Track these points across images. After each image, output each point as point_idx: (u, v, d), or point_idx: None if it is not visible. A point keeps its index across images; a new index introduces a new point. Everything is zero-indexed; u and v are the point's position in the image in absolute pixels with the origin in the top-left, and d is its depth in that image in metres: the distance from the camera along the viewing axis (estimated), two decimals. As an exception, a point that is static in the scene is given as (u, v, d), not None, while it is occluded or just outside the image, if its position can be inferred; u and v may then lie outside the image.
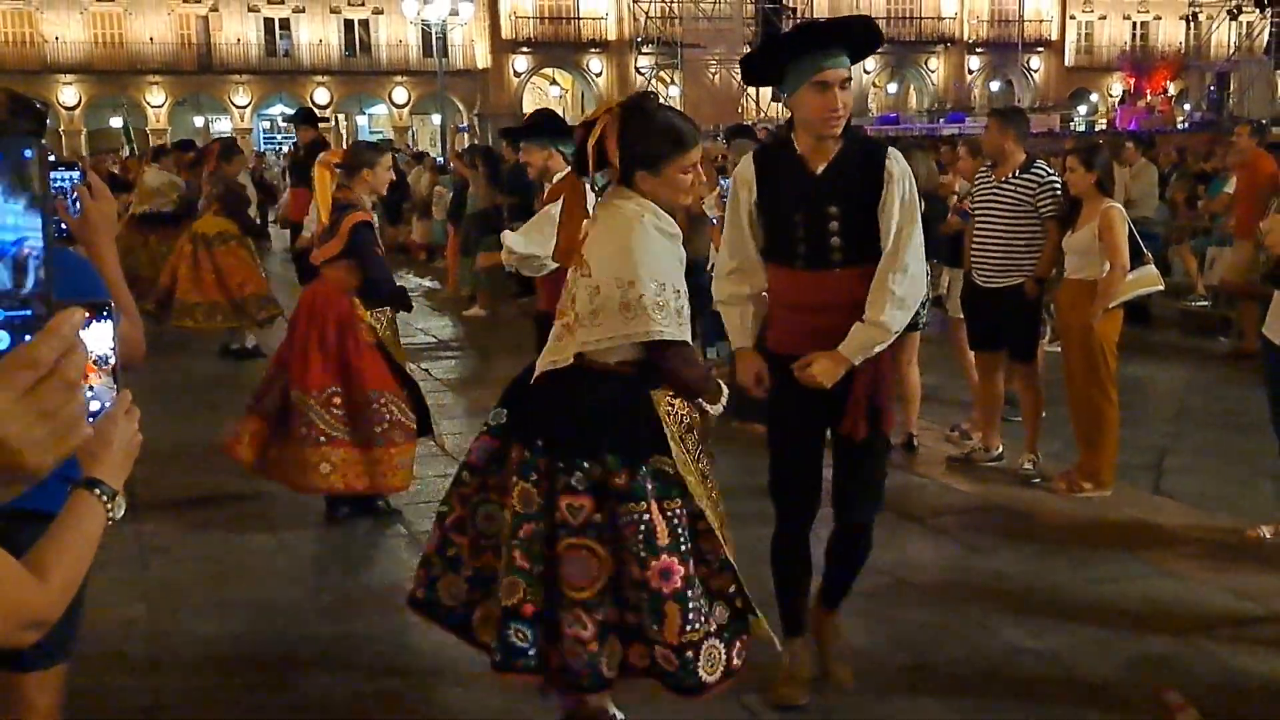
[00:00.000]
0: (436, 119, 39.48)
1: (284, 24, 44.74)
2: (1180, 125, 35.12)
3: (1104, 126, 40.20)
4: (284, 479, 5.61)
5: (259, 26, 44.38)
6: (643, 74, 43.34)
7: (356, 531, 5.66)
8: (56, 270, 1.08)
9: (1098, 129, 38.78)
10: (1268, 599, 4.64)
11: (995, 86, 50.33)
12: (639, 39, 44.38)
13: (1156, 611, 4.50)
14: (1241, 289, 9.15)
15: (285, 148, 32.00)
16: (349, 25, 45.41)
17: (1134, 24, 53.29)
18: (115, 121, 39.57)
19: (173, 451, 6.74)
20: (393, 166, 5.92)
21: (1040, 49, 51.00)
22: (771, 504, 3.74)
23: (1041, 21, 51.06)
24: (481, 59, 46.21)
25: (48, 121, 2.85)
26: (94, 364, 1.18)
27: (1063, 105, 48.30)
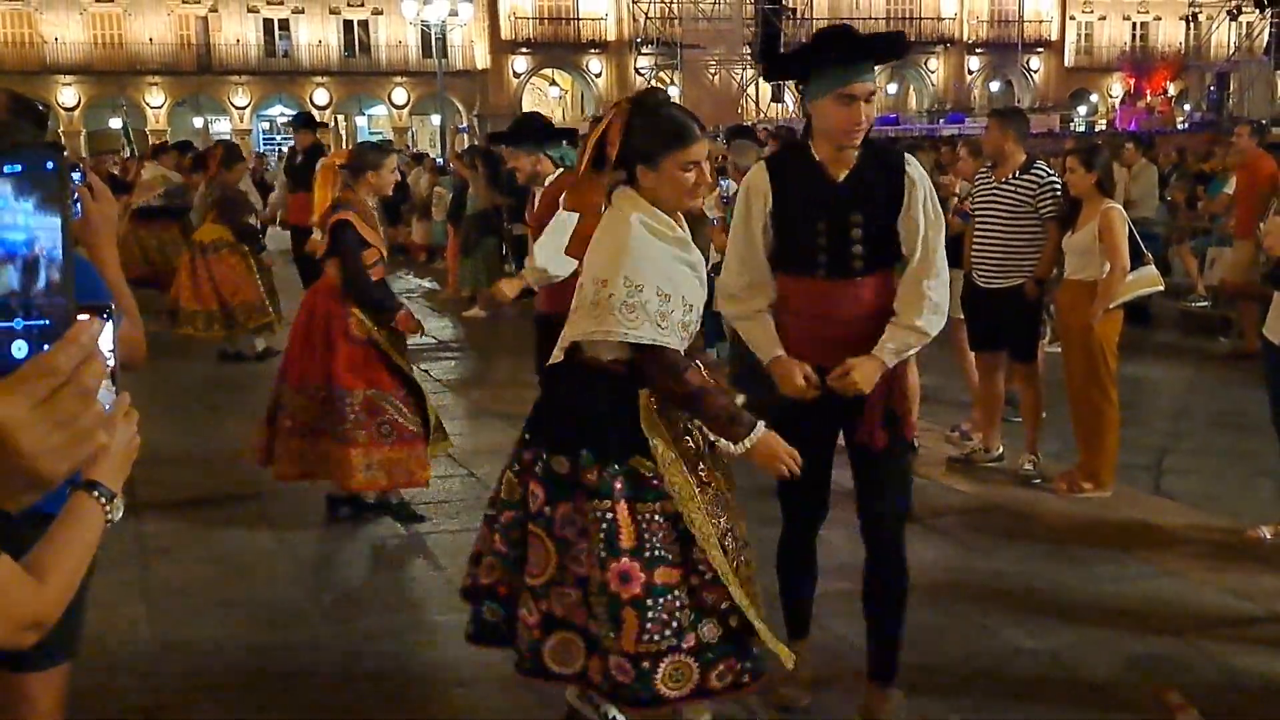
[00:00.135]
0: (436, 120, 39.52)
1: (283, 25, 44.76)
2: (1180, 126, 35.11)
3: (1104, 127, 40.19)
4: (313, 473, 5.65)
5: (258, 27, 44.40)
6: (642, 74, 43.31)
7: (357, 532, 5.67)
8: None
9: (1098, 129, 38.78)
10: (1268, 599, 4.65)
11: (995, 87, 50.34)
12: (638, 40, 44.35)
13: (1156, 611, 4.50)
14: (1241, 289, 9.15)
15: (285, 148, 31.98)
16: (348, 26, 45.43)
17: (1134, 24, 53.32)
18: (115, 122, 39.58)
19: (174, 452, 6.75)
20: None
21: (1040, 49, 51.00)
22: (778, 506, 3.73)
23: (1041, 22, 51.07)
24: (481, 60, 46.22)
25: (49, 123, 2.85)
26: None
27: (1062, 106, 48.32)
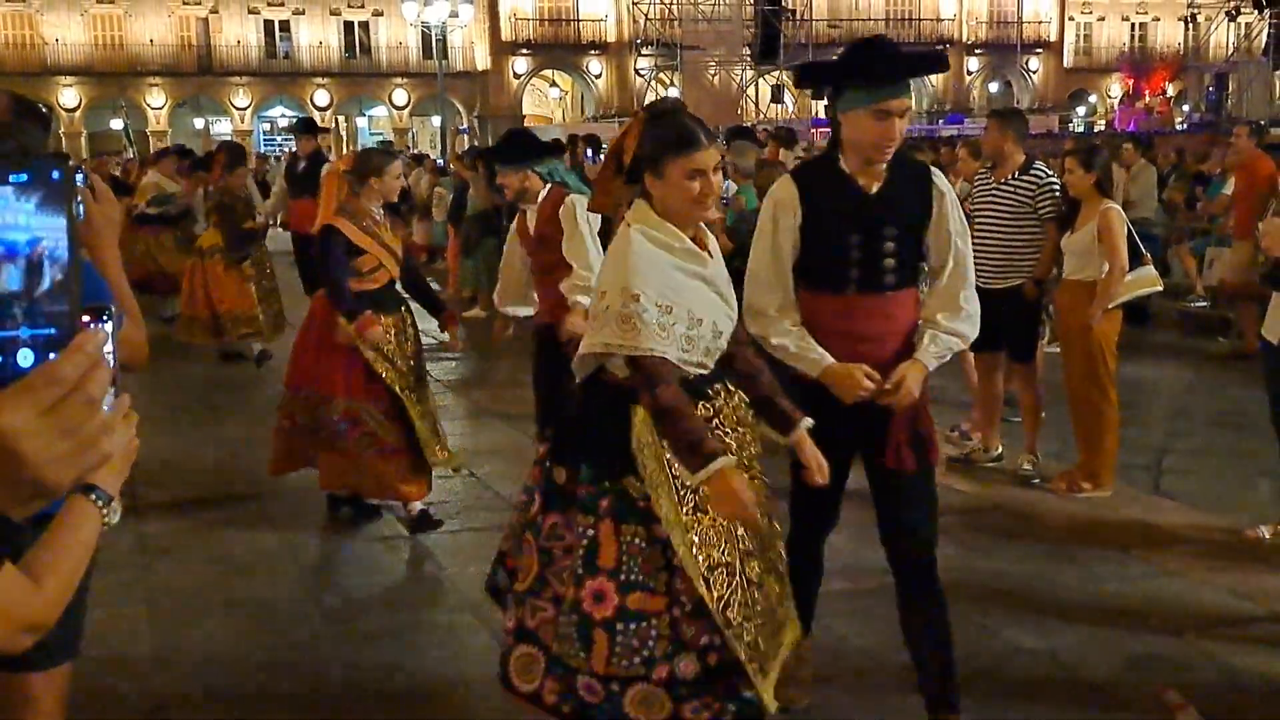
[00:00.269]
0: (436, 121, 39.52)
1: (284, 26, 44.75)
2: (1179, 126, 35.04)
3: (1103, 127, 40.16)
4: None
5: (259, 28, 44.39)
6: (642, 76, 43.29)
7: (358, 532, 5.67)
8: None
9: (1096, 130, 38.75)
10: (1267, 599, 4.65)
11: (994, 88, 50.34)
12: (638, 41, 44.29)
13: (1156, 611, 4.51)
14: (1240, 290, 9.16)
15: (286, 149, 31.99)
16: (349, 27, 45.43)
17: (1132, 25, 53.32)
18: (115, 123, 39.63)
19: (175, 454, 6.76)
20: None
21: (1039, 50, 50.98)
22: (785, 507, 3.71)
23: (1040, 23, 51.06)
24: (481, 61, 46.22)
25: (51, 125, 2.85)
26: None
27: (1061, 106, 48.31)
